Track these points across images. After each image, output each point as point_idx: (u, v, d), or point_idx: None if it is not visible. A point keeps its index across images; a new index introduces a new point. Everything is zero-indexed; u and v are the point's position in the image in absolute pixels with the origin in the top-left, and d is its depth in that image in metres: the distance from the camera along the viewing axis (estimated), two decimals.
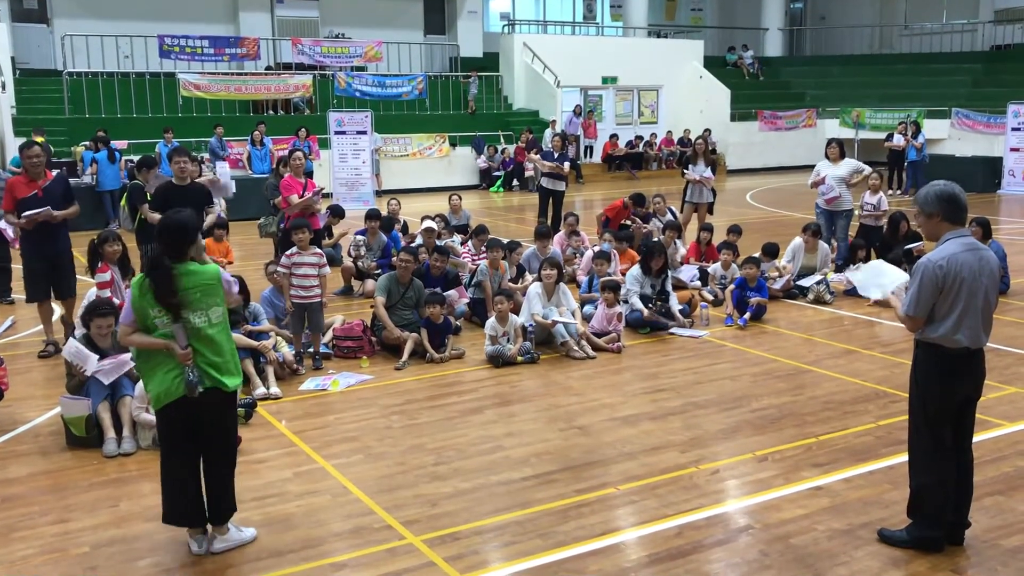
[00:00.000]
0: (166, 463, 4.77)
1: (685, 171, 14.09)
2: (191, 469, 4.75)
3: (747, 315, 9.48)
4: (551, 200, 15.20)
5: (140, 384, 6.40)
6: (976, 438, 4.98)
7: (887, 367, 8.04)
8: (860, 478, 5.69)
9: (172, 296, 4.57)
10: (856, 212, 12.26)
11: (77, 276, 8.80)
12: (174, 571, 4.61)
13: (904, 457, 4.92)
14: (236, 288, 5.04)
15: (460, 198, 13.91)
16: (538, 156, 15.86)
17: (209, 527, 4.83)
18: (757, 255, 10.63)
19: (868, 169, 12.09)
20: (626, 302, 9.31)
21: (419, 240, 11.18)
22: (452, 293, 9.40)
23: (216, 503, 4.82)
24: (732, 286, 9.92)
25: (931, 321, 4.57)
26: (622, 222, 12.88)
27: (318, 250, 8.37)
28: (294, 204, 10.11)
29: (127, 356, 6.58)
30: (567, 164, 15.25)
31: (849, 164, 11.91)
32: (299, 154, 10.71)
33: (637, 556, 4.74)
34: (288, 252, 8.28)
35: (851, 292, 10.78)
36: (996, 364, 7.86)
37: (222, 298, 4.77)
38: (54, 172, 8.91)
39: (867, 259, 11.03)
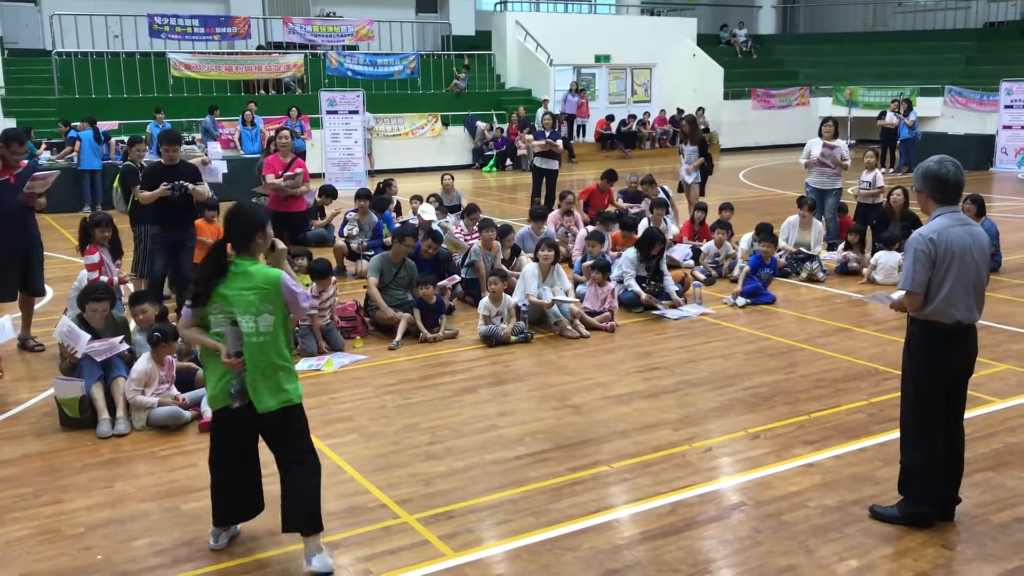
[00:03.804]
0: (211, 463, 4.61)
1: (680, 154, 14.22)
2: (232, 474, 4.56)
3: (746, 301, 9.46)
4: (544, 179, 15.18)
5: (135, 366, 6.40)
6: (967, 415, 5.01)
7: (879, 344, 8.07)
8: (852, 455, 5.72)
9: (199, 285, 4.31)
10: (852, 191, 12.27)
11: (67, 256, 8.65)
12: (169, 551, 4.62)
13: (896, 434, 4.95)
14: (306, 303, 4.45)
15: (452, 178, 13.88)
16: (530, 136, 15.80)
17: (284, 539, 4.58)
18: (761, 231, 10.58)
19: (849, 161, 12.00)
20: (620, 282, 9.33)
21: (413, 221, 11.16)
22: (444, 283, 9.34)
23: (291, 508, 4.43)
24: (747, 266, 9.86)
25: (925, 297, 4.58)
26: (606, 209, 12.84)
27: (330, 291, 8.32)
28: (267, 184, 10.05)
29: (118, 339, 6.56)
30: (559, 141, 15.23)
31: (840, 144, 11.89)
32: (285, 132, 10.62)
33: (630, 533, 4.77)
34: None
35: (842, 270, 10.84)
36: (988, 341, 7.90)
37: (278, 308, 4.31)
38: (26, 161, 8.60)
39: (860, 243, 11.05)
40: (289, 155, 10.46)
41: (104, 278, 7.68)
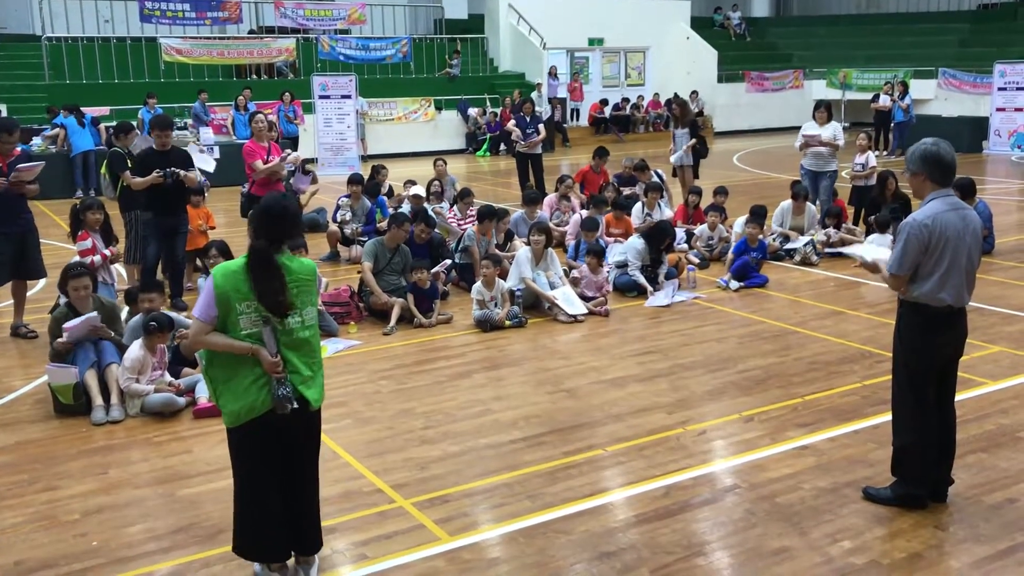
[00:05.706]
0: (248, 491, 4.04)
1: (672, 139, 14.24)
2: (277, 496, 4.04)
3: (739, 284, 9.46)
4: (529, 164, 15.19)
5: (128, 353, 6.38)
6: (960, 396, 5.04)
7: (873, 327, 8.08)
8: (845, 437, 5.74)
9: (281, 293, 3.83)
10: (846, 174, 12.27)
11: (59, 243, 8.66)
12: (164, 537, 4.63)
13: (889, 416, 4.97)
14: (322, 287, 4.31)
15: (445, 163, 13.83)
16: (513, 122, 15.81)
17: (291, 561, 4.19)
18: (754, 214, 10.58)
19: (841, 141, 11.99)
20: (620, 266, 9.37)
21: (407, 205, 11.13)
22: (436, 269, 9.29)
23: (307, 533, 4.18)
24: (731, 254, 9.88)
25: (915, 280, 4.59)
26: (601, 189, 12.82)
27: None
28: (260, 170, 9.99)
29: (95, 315, 6.50)
30: (541, 126, 15.26)
31: (833, 127, 11.89)
32: (259, 117, 10.54)
33: (624, 516, 4.78)
34: None
35: (835, 253, 10.86)
36: (980, 324, 7.93)
37: (316, 297, 4.13)
38: (19, 149, 8.61)
39: (838, 225, 11.09)
40: (265, 140, 10.32)
41: (96, 257, 7.72)
